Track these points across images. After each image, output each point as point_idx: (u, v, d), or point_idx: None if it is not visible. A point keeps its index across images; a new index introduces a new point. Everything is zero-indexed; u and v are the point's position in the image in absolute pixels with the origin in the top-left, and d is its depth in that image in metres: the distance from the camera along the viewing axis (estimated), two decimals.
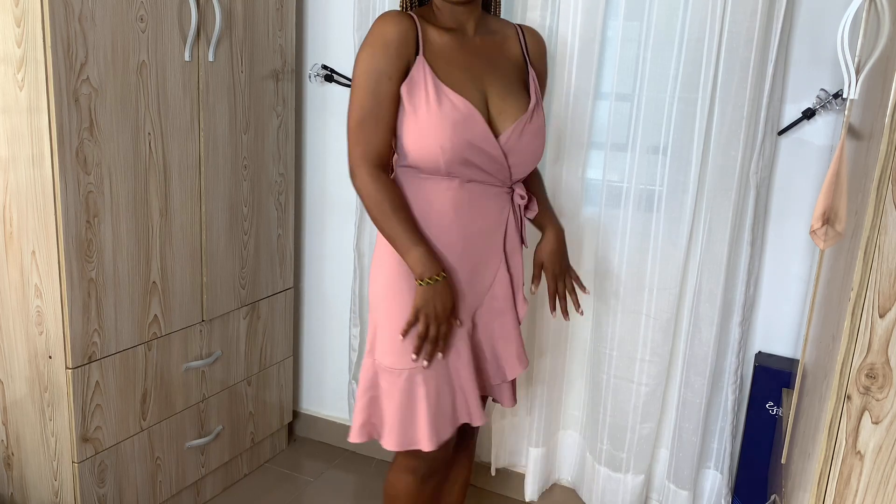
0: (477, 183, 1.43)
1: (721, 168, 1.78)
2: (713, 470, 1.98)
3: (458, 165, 1.38)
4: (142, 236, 1.78)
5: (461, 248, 1.44)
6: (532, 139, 1.46)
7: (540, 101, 1.51)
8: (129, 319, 1.79)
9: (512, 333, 1.55)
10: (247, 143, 2.06)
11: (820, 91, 1.72)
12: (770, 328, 1.90)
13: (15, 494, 1.85)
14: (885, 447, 1.01)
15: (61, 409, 1.70)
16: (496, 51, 1.49)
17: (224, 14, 1.89)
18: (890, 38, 1.07)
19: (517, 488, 2.22)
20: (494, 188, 1.47)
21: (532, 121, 1.45)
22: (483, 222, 1.46)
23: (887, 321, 0.98)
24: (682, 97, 1.79)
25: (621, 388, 1.98)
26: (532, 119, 1.45)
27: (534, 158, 1.49)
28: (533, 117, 1.45)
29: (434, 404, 1.43)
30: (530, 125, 1.45)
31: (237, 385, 2.18)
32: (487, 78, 1.44)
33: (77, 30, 1.55)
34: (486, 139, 1.38)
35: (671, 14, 1.78)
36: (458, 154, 1.37)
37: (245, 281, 2.13)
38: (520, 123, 1.42)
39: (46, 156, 1.57)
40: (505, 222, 1.50)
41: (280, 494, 2.24)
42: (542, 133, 1.49)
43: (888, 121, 0.94)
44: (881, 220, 0.96)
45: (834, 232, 1.23)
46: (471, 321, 1.50)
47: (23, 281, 1.68)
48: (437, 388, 1.43)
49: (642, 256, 1.90)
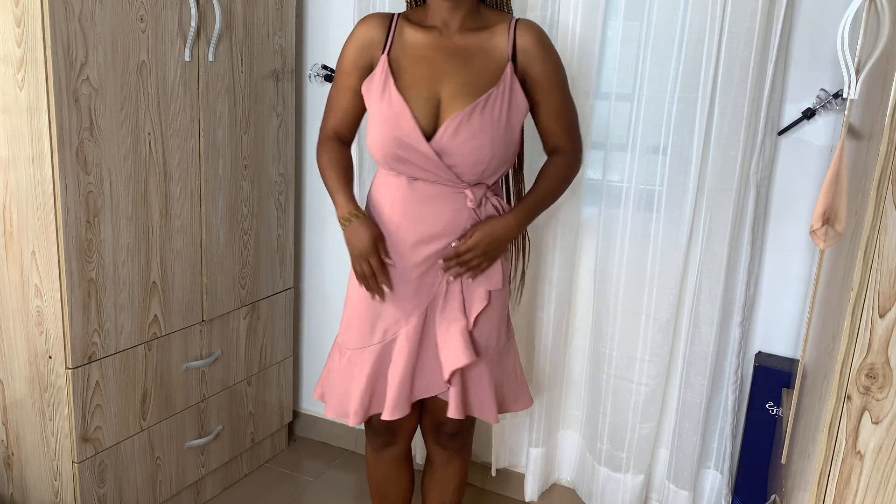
0: (425, 182, 1.47)
1: (721, 168, 1.78)
2: (713, 470, 1.98)
3: (394, 161, 1.46)
4: (142, 236, 1.78)
5: (411, 243, 1.49)
6: (469, 140, 1.41)
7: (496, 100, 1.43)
8: (129, 319, 1.79)
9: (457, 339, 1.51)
10: (247, 143, 2.06)
11: (820, 91, 1.72)
12: (770, 328, 1.90)
13: (15, 494, 1.86)
14: (885, 447, 1.01)
15: (61, 409, 1.70)
16: (473, 49, 1.47)
17: (224, 14, 1.89)
18: (890, 38, 1.07)
19: (517, 488, 2.22)
20: (447, 188, 1.47)
21: (470, 121, 1.41)
22: (435, 222, 1.48)
23: (887, 321, 0.98)
24: (682, 97, 1.79)
25: (621, 388, 1.98)
26: (471, 119, 1.41)
27: (474, 161, 1.43)
28: (472, 117, 1.40)
29: (367, 386, 1.56)
30: (467, 125, 1.41)
31: (237, 385, 2.18)
32: (449, 77, 1.44)
33: (77, 30, 1.55)
34: (413, 136, 1.42)
35: (671, 14, 1.78)
36: (389, 150, 1.45)
37: (245, 281, 2.13)
38: (453, 122, 1.41)
39: (46, 156, 1.57)
40: (462, 224, 1.49)
41: (280, 494, 2.24)
42: (486, 134, 1.41)
43: (888, 121, 0.94)
44: (881, 220, 0.96)
45: (834, 232, 1.23)
46: (421, 319, 1.52)
47: (23, 281, 1.68)
48: (373, 371, 1.55)
49: (642, 256, 1.90)
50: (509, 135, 1.46)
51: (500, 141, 1.44)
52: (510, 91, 1.45)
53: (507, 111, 1.44)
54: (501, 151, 1.45)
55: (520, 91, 1.47)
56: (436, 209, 1.47)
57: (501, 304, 1.58)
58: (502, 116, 1.43)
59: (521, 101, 1.47)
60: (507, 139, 1.46)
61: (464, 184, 1.46)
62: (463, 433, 1.70)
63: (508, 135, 1.46)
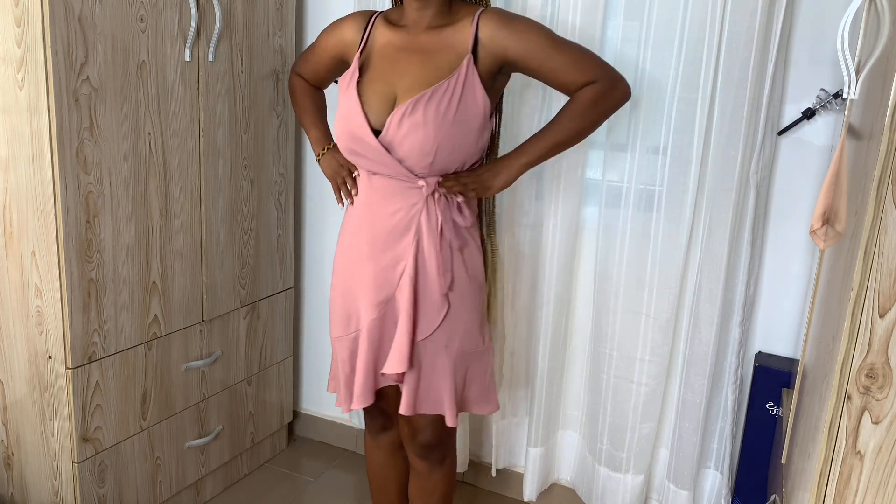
0: (383, 176, 1.50)
1: (721, 168, 1.78)
2: (713, 470, 1.98)
3: (351, 156, 1.53)
4: (142, 236, 1.78)
5: (369, 238, 1.53)
6: (411, 131, 1.41)
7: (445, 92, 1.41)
8: (129, 319, 1.79)
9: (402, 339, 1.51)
10: (247, 143, 2.06)
11: (820, 91, 1.72)
12: (770, 328, 1.90)
13: (15, 494, 1.85)
14: (885, 447, 1.01)
15: (61, 409, 1.70)
16: (436, 46, 1.47)
17: (224, 14, 1.89)
18: (890, 38, 1.07)
19: (516, 488, 2.22)
20: (403, 183, 1.48)
21: (413, 112, 1.41)
22: (391, 217, 1.50)
23: (887, 321, 0.98)
24: (682, 97, 1.79)
25: (621, 388, 1.98)
26: (414, 110, 1.41)
27: (419, 153, 1.42)
28: (416, 108, 1.40)
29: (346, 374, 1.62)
30: (410, 117, 1.41)
31: (237, 385, 2.18)
32: (406, 74, 1.46)
33: (77, 30, 1.55)
34: (362, 130, 1.46)
35: (671, 14, 1.78)
36: (345, 144, 1.51)
37: (245, 281, 2.13)
38: (397, 114, 1.42)
39: (46, 156, 1.57)
40: (417, 220, 1.49)
41: (280, 494, 2.24)
42: (429, 126, 1.40)
43: (888, 121, 0.94)
44: (881, 220, 0.96)
45: (834, 232, 1.23)
46: (379, 311, 1.54)
47: (23, 281, 1.68)
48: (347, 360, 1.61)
49: (642, 256, 1.90)
50: (459, 128, 1.43)
51: (447, 133, 1.42)
52: (463, 84, 1.42)
53: (456, 103, 1.41)
54: (449, 144, 1.43)
55: (477, 85, 1.43)
56: (391, 205, 1.50)
57: (470, 307, 1.55)
58: (450, 108, 1.41)
59: (477, 94, 1.43)
60: (457, 132, 1.43)
61: (418, 178, 1.47)
62: (440, 445, 1.65)
63: (458, 128, 1.42)
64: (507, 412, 2.18)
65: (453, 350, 1.54)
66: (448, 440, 1.68)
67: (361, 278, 1.55)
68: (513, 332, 2.11)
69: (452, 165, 1.47)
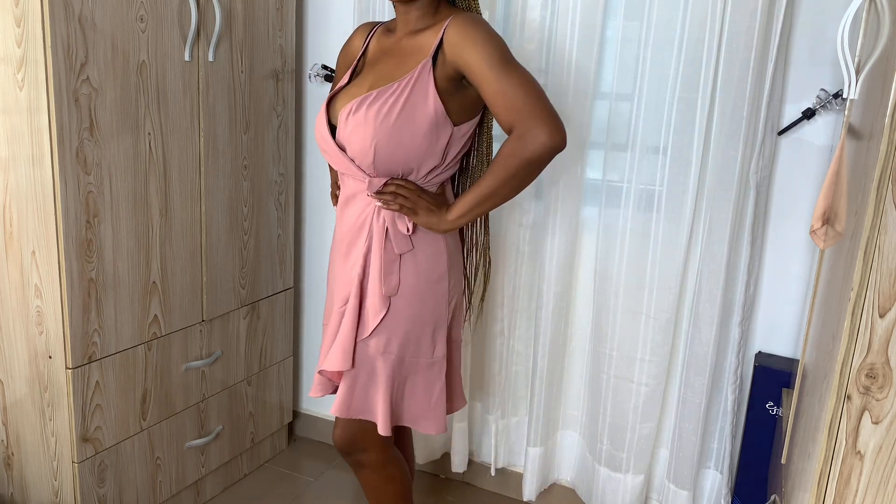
0: (348, 177, 1.52)
1: (721, 168, 1.78)
2: (713, 470, 1.98)
3: (324, 155, 1.54)
4: (142, 236, 1.78)
5: (339, 237, 1.56)
6: (353, 130, 1.42)
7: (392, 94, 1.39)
8: (129, 319, 1.79)
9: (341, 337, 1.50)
10: (247, 143, 2.06)
11: (820, 91, 1.72)
12: (770, 328, 1.90)
13: (15, 494, 1.85)
14: (885, 447, 1.01)
15: (61, 409, 1.70)
16: (411, 49, 1.46)
17: (224, 14, 1.89)
18: (890, 38, 1.07)
19: (516, 488, 2.22)
20: (360, 184, 1.49)
21: (357, 112, 1.41)
22: (354, 217, 1.51)
23: (887, 321, 0.98)
24: (682, 97, 1.79)
25: (621, 388, 1.98)
26: (357, 110, 1.41)
27: (360, 152, 1.42)
28: (359, 108, 1.41)
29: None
30: (354, 116, 1.42)
31: (237, 385, 2.18)
32: (376, 77, 1.47)
33: (77, 30, 1.55)
34: (323, 129, 1.51)
35: (671, 14, 1.78)
36: (318, 145, 1.55)
37: (245, 281, 2.13)
38: (343, 113, 1.44)
39: (46, 156, 1.57)
40: (370, 221, 1.48)
41: (280, 494, 2.24)
42: (368, 126, 1.39)
43: (888, 121, 0.94)
44: (881, 220, 0.96)
45: (834, 232, 1.23)
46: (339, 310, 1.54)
47: (23, 281, 1.68)
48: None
49: (642, 256, 1.90)
50: (401, 130, 1.40)
51: (386, 133, 1.39)
52: (412, 86, 1.40)
53: (401, 105, 1.39)
54: (390, 147, 1.40)
55: (430, 89, 1.40)
56: (355, 205, 1.51)
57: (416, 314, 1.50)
58: (393, 109, 1.39)
59: (428, 98, 1.40)
60: (397, 133, 1.40)
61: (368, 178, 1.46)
62: (355, 450, 1.59)
63: (400, 129, 1.40)
64: (507, 412, 2.18)
65: (391, 356, 1.49)
66: (366, 447, 1.59)
67: (335, 275, 1.58)
68: (513, 332, 2.11)
69: (397, 167, 1.44)
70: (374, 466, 1.62)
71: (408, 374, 1.53)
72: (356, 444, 1.59)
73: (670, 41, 1.79)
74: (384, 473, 1.63)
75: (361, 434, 1.58)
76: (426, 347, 1.52)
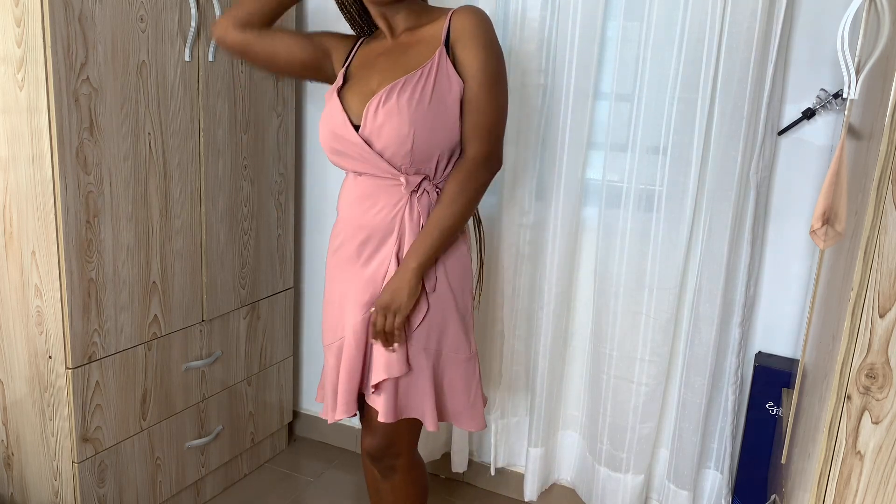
0: (367, 176, 1.48)
1: (721, 168, 1.78)
2: (713, 470, 1.98)
3: (334, 156, 1.51)
4: (142, 236, 1.78)
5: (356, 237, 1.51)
6: (386, 120, 1.40)
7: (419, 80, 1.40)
8: (129, 319, 1.79)
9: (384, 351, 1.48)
10: (247, 143, 2.06)
11: (820, 91, 1.72)
12: (770, 328, 1.90)
13: (15, 494, 1.86)
14: (885, 447, 1.01)
15: (61, 409, 1.70)
16: (411, 43, 1.47)
17: None
18: (890, 38, 1.07)
19: (516, 488, 2.22)
20: (386, 181, 1.46)
21: (388, 101, 1.40)
22: (375, 216, 1.47)
23: (887, 321, 0.98)
24: (681, 97, 1.79)
25: (621, 388, 1.98)
26: (388, 99, 1.40)
27: (396, 141, 1.40)
28: (389, 97, 1.40)
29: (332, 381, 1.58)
30: (385, 106, 1.40)
31: (237, 385, 2.18)
32: (382, 72, 1.46)
33: (77, 30, 1.55)
34: (343, 127, 1.45)
35: (671, 14, 1.78)
36: (328, 144, 1.50)
37: (245, 281, 2.13)
38: (371, 105, 1.41)
39: (46, 156, 1.57)
40: (400, 219, 1.46)
41: (280, 494, 2.24)
42: (403, 113, 1.39)
43: (888, 121, 0.94)
44: (881, 220, 0.96)
45: (834, 232, 1.23)
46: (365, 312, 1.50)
47: (23, 281, 1.68)
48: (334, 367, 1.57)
49: (642, 256, 1.90)
50: (435, 113, 1.40)
51: (422, 118, 1.39)
52: (436, 71, 1.40)
53: (430, 89, 1.39)
54: (425, 130, 1.40)
55: (452, 72, 1.41)
56: (375, 204, 1.48)
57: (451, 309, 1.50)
58: (425, 94, 1.39)
59: (452, 80, 1.41)
60: (432, 117, 1.40)
61: (399, 174, 1.45)
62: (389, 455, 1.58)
63: (434, 113, 1.40)
64: (508, 412, 2.18)
65: (432, 352, 1.50)
66: (400, 451, 1.58)
67: (349, 280, 1.53)
68: (513, 332, 2.11)
69: (430, 159, 1.43)
70: (404, 470, 1.61)
71: (445, 370, 1.53)
72: (392, 449, 1.57)
73: (670, 41, 1.79)
74: (411, 477, 1.63)
75: (398, 438, 1.56)
76: (463, 342, 1.52)
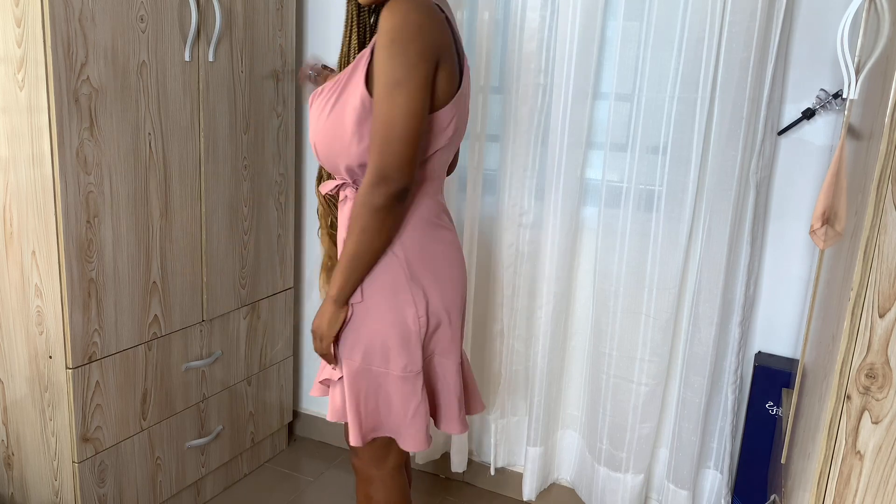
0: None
1: (721, 168, 1.78)
2: (713, 470, 1.98)
3: None
4: (142, 236, 1.78)
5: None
6: (312, 126, 1.40)
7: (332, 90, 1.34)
8: (129, 319, 1.79)
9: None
10: (247, 143, 2.06)
11: (820, 91, 1.72)
12: (770, 328, 1.90)
13: (15, 494, 1.86)
14: (885, 447, 1.01)
15: (61, 409, 1.70)
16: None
17: (224, 14, 1.89)
18: (890, 38, 1.07)
19: (516, 488, 2.22)
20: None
21: (312, 109, 1.40)
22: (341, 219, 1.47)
23: (887, 321, 0.98)
24: (681, 97, 1.79)
25: (621, 387, 1.98)
26: (312, 107, 1.40)
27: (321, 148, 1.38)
28: (313, 105, 1.39)
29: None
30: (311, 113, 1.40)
31: (237, 385, 2.18)
32: None
33: (77, 30, 1.55)
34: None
35: (671, 14, 1.78)
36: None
37: (245, 281, 2.13)
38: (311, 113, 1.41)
39: (46, 156, 1.57)
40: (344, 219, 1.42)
41: (280, 494, 2.24)
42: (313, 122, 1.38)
43: (888, 121, 0.94)
44: (881, 220, 0.96)
45: (834, 232, 1.23)
46: None
47: (23, 281, 1.68)
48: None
49: (642, 256, 1.90)
50: (334, 125, 1.33)
51: (322, 131, 1.36)
52: (347, 79, 1.33)
53: (335, 99, 1.34)
54: (325, 144, 1.36)
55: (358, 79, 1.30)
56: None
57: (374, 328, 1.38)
58: (327, 105, 1.35)
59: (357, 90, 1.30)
60: (331, 129, 1.34)
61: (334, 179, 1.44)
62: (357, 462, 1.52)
63: (333, 125, 1.34)
64: (507, 412, 2.18)
65: (353, 363, 1.39)
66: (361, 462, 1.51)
67: None
68: (512, 331, 2.11)
69: (338, 164, 1.37)
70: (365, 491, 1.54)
71: (379, 385, 1.41)
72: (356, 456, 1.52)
73: (670, 41, 1.79)
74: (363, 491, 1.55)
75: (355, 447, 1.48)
76: (395, 361, 1.39)
